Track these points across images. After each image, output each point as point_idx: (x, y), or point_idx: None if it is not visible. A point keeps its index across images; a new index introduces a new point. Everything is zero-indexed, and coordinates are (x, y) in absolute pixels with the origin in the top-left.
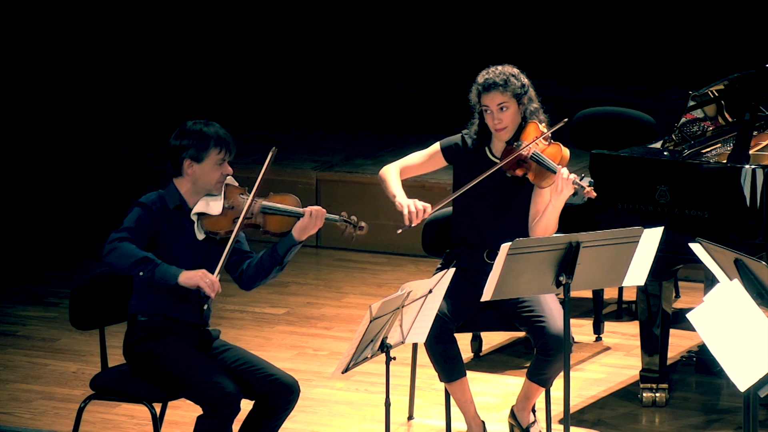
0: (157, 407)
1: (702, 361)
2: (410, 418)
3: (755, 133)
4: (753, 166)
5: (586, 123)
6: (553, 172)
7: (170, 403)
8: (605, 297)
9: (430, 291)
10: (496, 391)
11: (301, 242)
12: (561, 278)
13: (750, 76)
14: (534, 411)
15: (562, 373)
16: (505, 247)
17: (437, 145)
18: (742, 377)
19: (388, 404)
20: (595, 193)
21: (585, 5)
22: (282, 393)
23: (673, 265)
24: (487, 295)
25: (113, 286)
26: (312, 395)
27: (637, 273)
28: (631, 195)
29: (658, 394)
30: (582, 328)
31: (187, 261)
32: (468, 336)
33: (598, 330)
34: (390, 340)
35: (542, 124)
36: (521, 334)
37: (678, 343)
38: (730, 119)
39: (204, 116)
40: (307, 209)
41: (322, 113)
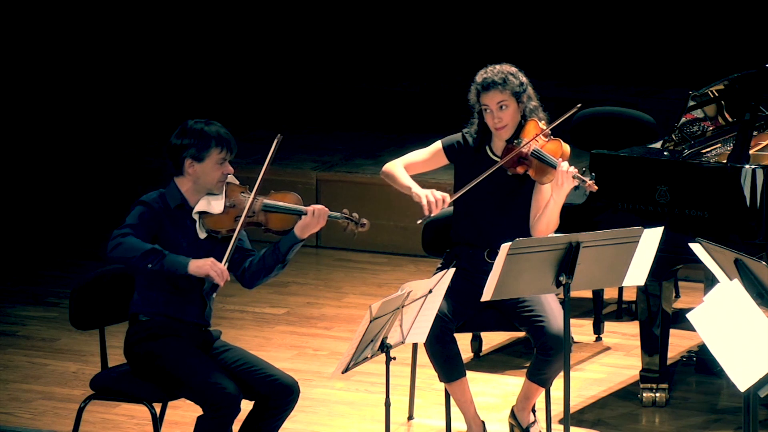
0: (157, 407)
1: (702, 361)
2: (410, 418)
3: (755, 133)
4: (753, 166)
5: (586, 123)
6: (553, 167)
7: (170, 403)
8: (605, 297)
9: (430, 291)
10: (496, 391)
11: (303, 240)
12: (561, 278)
13: (750, 76)
14: (534, 411)
15: (562, 373)
16: (505, 247)
17: (439, 143)
18: (742, 377)
19: (388, 404)
20: (596, 187)
21: (585, 5)
22: (282, 393)
23: (673, 265)
24: (487, 295)
25: (113, 285)
26: (312, 395)
27: (637, 273)
28: (631, 195)
29: (658, 394)
30: (582, 328)
31: None
32: (468, 336)
33: (598, 330)
34: (390, 340)
35: (542, 122)
36: (521, 334)
37: (678, 343)
38: (730, 119)
39: (204, 116)
40: (309, 207)
41: (322, 113)
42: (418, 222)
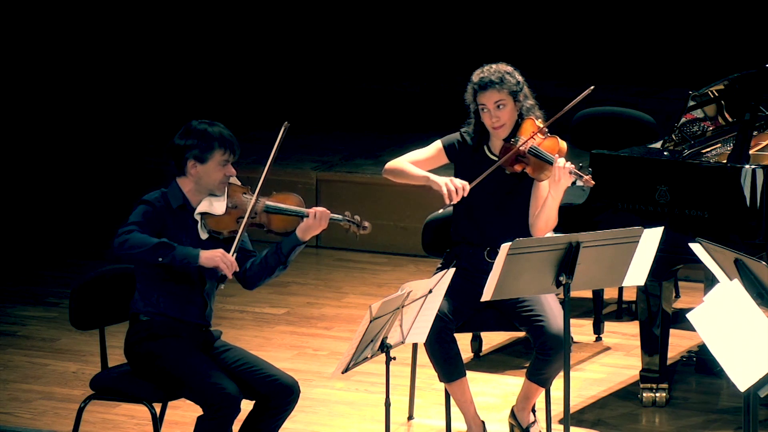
0: (157, 407)
1: (702, 361)
2: (410, 418)
3: (755, 133)
4: (753, 166)
5: (586, 123)
6: (550, 163)
7: (170, 403)
8: (605, 297)
9: (430, 291)
10: (496, 391)
11: (304, 242)
12: (561, 278)
13: (750, 76)
14: (534, 411)
15: (562, 373)
16: (505, 247)
17: (438, 142)
18: (742, 377)
19: (388, 404)
20: (593, 182)
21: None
22: (282, 393)
23: (673, 265)
24: (487, 295)
25: (113, 285)
26: (312, 395)
27: (637, 273)
28: (631, 195)
29: (658, 394)
30: (582, 328)
31: None
32: (468, 336)
33: (598, 330)
34: (390, 340)
35: (538, 120)
36: (521, 334)
37: (678, 343)
38: (730, 119)
39: (204, 115)
40: (311, 210)
41: (321, 113)
42: (440, 211)
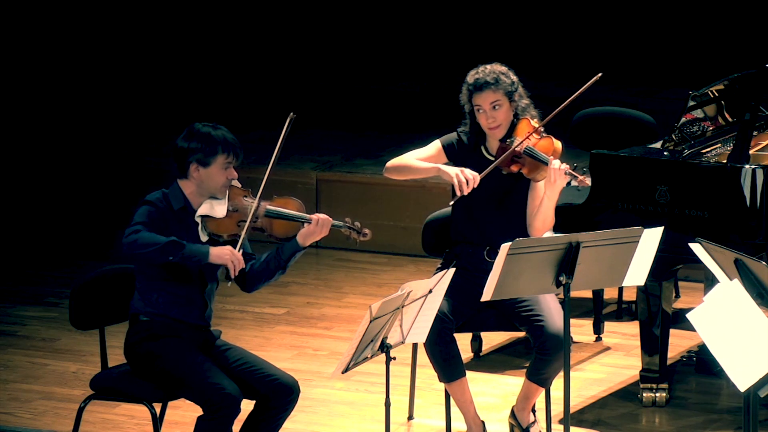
0: (157, 407)
1: (702, 361)
2: (410, 418)
3: (755, 133)
4: (753, 166)
5: (586, 123)
6: (545, 164)
7: (170, 403)
8: (605, 297)
9: (430, 291)
10: (496, 391)
11: (305, 248)
12: (561, 278)
13: (750, 76)
14: (534, 411)
15: (562, 373)
16: (505, 247)
17: (438, 142)
18: (742, 377)
19: (388, 404)
20: (588, 182)
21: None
22: (282, 393)
23: (673, 265)
24: (487, 295)
25: (113, 285)
26: (312, 395)
27: (637, 273)
28: (631, 195)
29: (658, 394)
30: (582, 328)
31: None
32: (468, 336)
33: (598, 330)
34: (390, 340)
35: (534, 120)
36: (521, 334)
37: (678, 343)
38: (730, 119)
39: (203, 116)
40: (313, 216)
41: (322, 113)
42: (450, 203)
